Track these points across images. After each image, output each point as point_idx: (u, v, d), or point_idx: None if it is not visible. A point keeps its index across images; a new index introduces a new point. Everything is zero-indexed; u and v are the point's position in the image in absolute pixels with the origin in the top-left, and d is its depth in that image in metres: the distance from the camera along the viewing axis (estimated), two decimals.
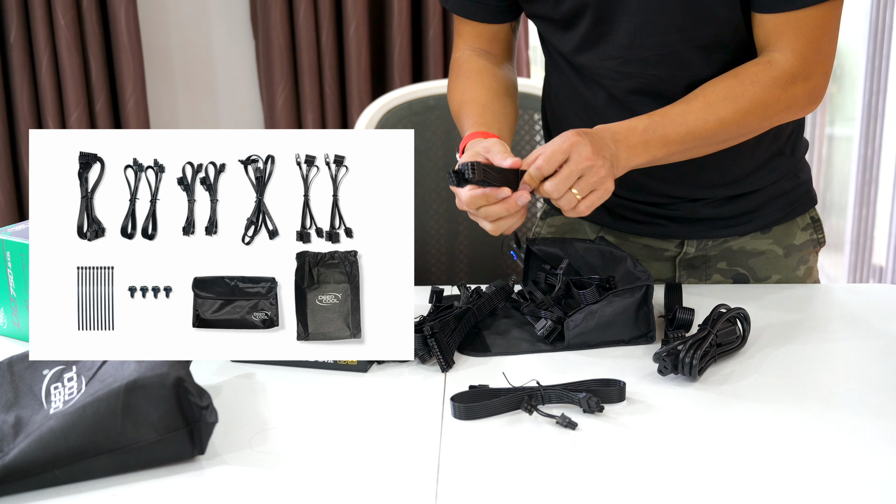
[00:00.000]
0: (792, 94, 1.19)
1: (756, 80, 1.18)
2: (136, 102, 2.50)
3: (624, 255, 1.22)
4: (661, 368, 1.05)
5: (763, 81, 1.18)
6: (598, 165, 1.10)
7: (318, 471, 0.87)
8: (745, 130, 1.21)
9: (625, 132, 1.16)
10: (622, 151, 1.14)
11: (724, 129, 1.19)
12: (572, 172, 1.10)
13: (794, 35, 1.17)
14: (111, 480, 0.85)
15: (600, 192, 1.12)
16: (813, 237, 1.42)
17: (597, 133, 1.14)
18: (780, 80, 1.18)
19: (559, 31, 1.28)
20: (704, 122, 1.17)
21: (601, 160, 1.10)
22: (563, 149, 1.10)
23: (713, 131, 1.18)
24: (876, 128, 3.03)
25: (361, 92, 2.57)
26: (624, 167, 1.15)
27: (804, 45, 1.18)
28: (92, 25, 2.43)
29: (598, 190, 1.11)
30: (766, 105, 1.19)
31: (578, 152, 1.10)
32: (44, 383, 0.94)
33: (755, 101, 1.18)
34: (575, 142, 1.10)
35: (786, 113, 1.21)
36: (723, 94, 1.18)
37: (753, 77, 1.18)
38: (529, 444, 0.91)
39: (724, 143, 1.22)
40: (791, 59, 1.18)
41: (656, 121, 1.17)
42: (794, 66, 1.18)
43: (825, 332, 1.22)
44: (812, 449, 0.90)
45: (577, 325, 1.14)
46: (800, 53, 1.18)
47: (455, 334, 1.13)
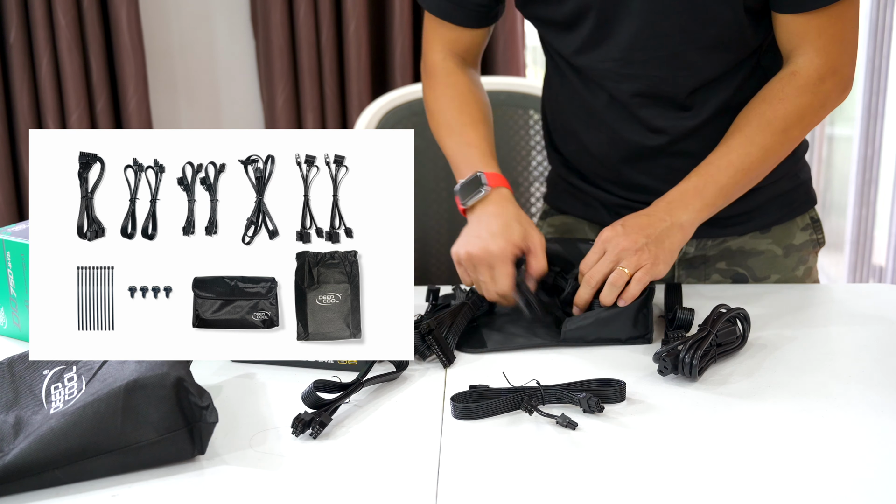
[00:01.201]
0: (823, 93, 1.21)
1: (784, 98, 1.20)
2: (137, 102, 2.49)
3: None
4: (661, 368, 1.05)
5: (790, 96, 1.20)
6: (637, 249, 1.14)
7: (318, 471, 0.87)
8: (791, 145, 1.24)
9: (679, 197, 1.20)
10: (682, 215, 1.18)
11: (770, 154, 1.21)
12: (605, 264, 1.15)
13: (818, 33, 1.18)
14: (111, 480, 0.85)
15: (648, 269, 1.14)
16: (812, 237, 1.42)
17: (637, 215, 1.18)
18: (808, 87, 1.19)
19: (560, 33, 1.28)
20: (748, 155, 1.20)
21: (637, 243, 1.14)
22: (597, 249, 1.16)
23: (761, 160, 1.21)
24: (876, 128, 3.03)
25: (361, 92, 2.57)
26: (691, 227, 1.19)
27: (828, 42, 1.19)
28: (93, 26, 2.43)
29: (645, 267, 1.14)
30: (801, 116, 1.21)
31: (613, 245, 1.15)
32: (44, 383, 0.94)
33: (789, 117, 1.20)
34: (607, 238, 1.16)
35: (822, 111, 1.23)
36: (756, 122, 1.20)
37: (781, 95, 1.20)
38: (529, 444, 0.91)
39: (775, 164, 1.24)
40: (815, 60, 1.19)
41: (704, 174, 1.20)
42: (819, 67, 1.19)
43: (825, 332, 1.22)
44: (812, 449, 0.90)
45: (575, 320, 1.14)
46: (824, 52, 1.19)
47: (452, 330, 1.13)
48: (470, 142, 1.31)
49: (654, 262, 1.14)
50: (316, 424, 0.92)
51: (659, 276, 1.15)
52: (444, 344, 1.10)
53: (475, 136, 1.31)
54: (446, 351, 1.10)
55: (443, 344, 1.10)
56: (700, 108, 1.27)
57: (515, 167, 1.83)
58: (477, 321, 1.21)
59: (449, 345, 1.11)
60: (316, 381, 0.97)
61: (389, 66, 2.61)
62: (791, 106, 1.19)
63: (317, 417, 0.93)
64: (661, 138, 1.29)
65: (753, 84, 1.25)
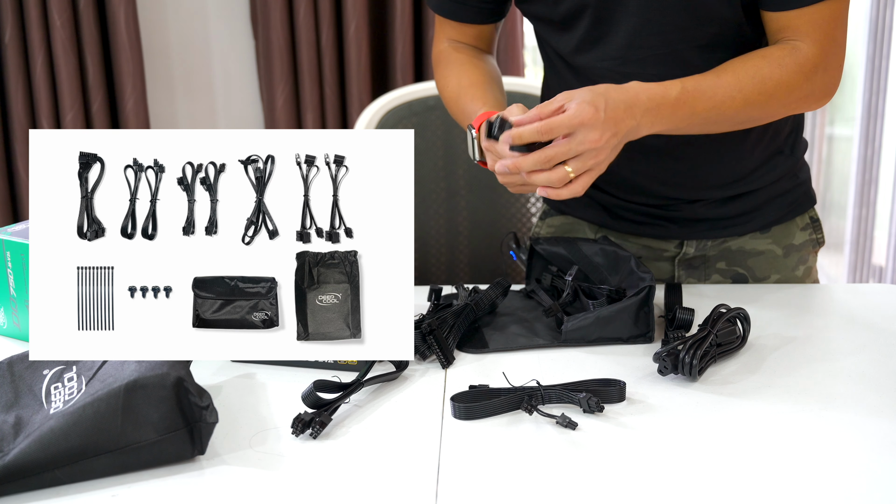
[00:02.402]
0: (812, 84, 1.19)
1: (783, 65, 1.17)
2: (135, 102, 2.49)
3: (628, 256, 1.22)
4: (661, 368, 1.05)
5: (789, 66, 1.17)
6: (600, 149, 1.07)
7: (318, 471, 0.87)
8: (766, 114, 1.21)
9: (658, 100, 1.12)
10: (646, 120, 1.11)
11: (747, 108, 1.17)
12: (568, 151, 1.06)
13: (810, 27, 1.17)
14: (111, 480, 0.85)
15: (594, 173, 1.09)
16: (812, 237, 1.42)
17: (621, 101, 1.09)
18: (804, 68, 1.17)
19: (557, 32, 1.28)
20: (731, 99, 1.16)
21: (605, 143, 1.07)
22: (571, 124, 1.06)
23: (737, 110, 1.17)
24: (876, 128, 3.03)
25: (361, 92, 2.57)
26: (647, 131, 1.13)
27: (821, 35, 1.17)
28: (89, 26, 2.43)
29: (592, 171, 1.08)
30: (789, 90, 1.18)
31: (584, 134, 1.06)
32: (44, 383, 0.94)
33: (780, 85, 1.17)
34: (585, 120, 1.06)
35: (804, 102, 1.21)
36: (751, 73, 1.17)
37: (780, 61, 1.17)
38: (529, 444, 0.91)
39: (741, 124, 1.21)
40: (812, 48, 1.17)
41: (689, 91, 1.14)
42: (815, 56, 1.17)
43: (825, 332, 1.22)
44: (812, 449, 0.90)
45: (575, 320, 1.14)
46: (819, 44, 1.18)
47: (454, 331, 1.13)
48: (464, 108, 1.30)
49: (596, 169, 1.09)
50: (316, 424, 0.92)
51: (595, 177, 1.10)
52: (444, 344, 1.10)
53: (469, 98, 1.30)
54: (446, 351, 1.10)
55: (443, 344, 1.10)
56: None
57: None
58: (478, 321, 1.21)
59: (449, 345, 1.11)
60: (316, 381, 0.97)
61: (389, 66, 2.61)
62: (786, 76, 1.17)
63: (317, 417, 0.93)
64: (661, 139, 1.29)
65: None
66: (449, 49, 1.39)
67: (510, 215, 1.85)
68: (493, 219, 1.85)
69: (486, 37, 1.40)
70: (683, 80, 1.15)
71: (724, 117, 1.17)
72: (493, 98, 1.28)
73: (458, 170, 1.84)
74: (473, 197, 1.84)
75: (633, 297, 1.15)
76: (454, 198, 1.84)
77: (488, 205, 1.84)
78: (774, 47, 1.19)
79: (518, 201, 1.85)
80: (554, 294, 1.28)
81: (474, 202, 1.85)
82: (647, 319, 1.15)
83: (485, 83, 1.31)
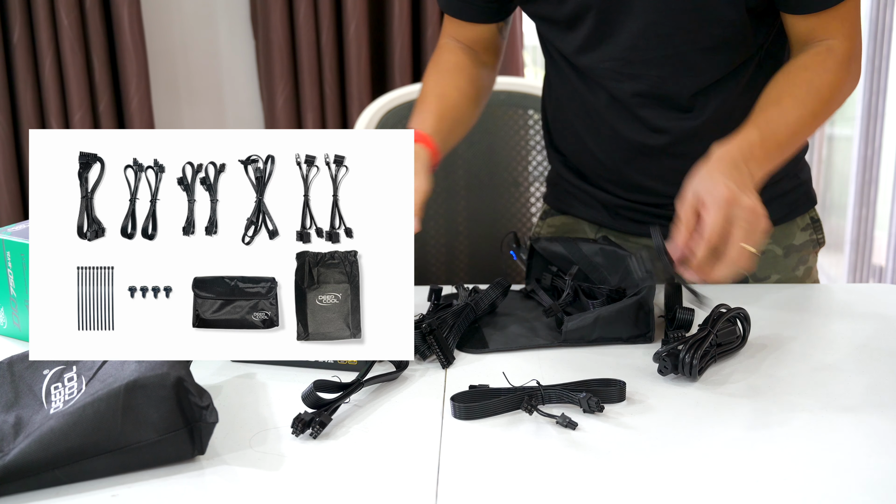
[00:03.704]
0: (852, 76, 1.21)
1: (827, 69, 1.18)
2: (139, 102, 2.50)
3: (627, 255, 1.22)
4: (661, 368, 1.05)
5: (832, 68, 1.19)
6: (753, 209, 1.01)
7: (318, 471, 0.87)
8: (826, 118, 1.22)
9: (748, 148, 1.10)
10: (753, 168, 1.09)
11: (815, 122, 1.19)
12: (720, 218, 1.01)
13: (839, 23, 1.19)
14: (111, 480, 0.85)
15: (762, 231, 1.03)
16: (812, 237, 1.42)
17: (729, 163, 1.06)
18: (844, 63, 1.19)
19: (561, 32, 1.28)
20: (801, 119, 1.16)
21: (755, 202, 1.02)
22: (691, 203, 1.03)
23: (809, 126, 1.18)
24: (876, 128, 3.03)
25: (361, 92, 2.57)
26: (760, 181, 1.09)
27: (849, 28, 1.20)
28: (95, 26, 2.43)
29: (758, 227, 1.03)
30: (840, 90, 1.20)
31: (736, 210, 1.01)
32: (44, 383, 0.94)
33: (833, 88, 1.19)
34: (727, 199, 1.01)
35: (848, 92, 1.23)
36: (805, 88, 1.17)
37: (824, 66, 1.19)
38: (529, 444, 0.91)
39: (810, 136, 1.23)
40: (844, 43, 1.19)
41: (765, 129, 1.13)
42: (848, 49, 1.20)
43: (825, 332, 1.22)
44: (812, 449, 0.90)
45: (575, 320, 1.14)
46: (849, 37, 1.20)
47: (454, 331, 1.13)
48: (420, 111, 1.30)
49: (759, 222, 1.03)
50: (316, 424, 0.92)
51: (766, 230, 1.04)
52: (444, 344, 1.10)
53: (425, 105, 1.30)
54: (446, 351, 1.10)
55: (443, 344, 1.10)
56: (702, 110, 1.27)
57: (515, 167, 1.83)
58: (478, 321, 1.21)
59: (449, 345, 1.11)
60: (316, 381, 0.97)
61: (389, 66, 2.61)
62: (834, 77, 1.19)
63: (317, 417, 0.93)
64: (663, 138, 1.29)
65: (755, 86, 1.25)
66: (448, 47, 1.39)
67: (510, 215, 1.85)
68: (492, 219, 1.85)
69: (486, 39, 1.39)
70: (752, 121, 1.13)
71: (803, 137, 1.19)
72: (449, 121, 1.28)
73: (457, 170, 1.83)
74: (473, 197, 1.84)
75: (633, 297, 1.15)
76: (453, 198, 1.84)
77: (488, 205, 1.84)
78: (811, 53, 1.20)
79: (518, 201, 1.85)
80: (554, 294, 1.28)
81: (474, 202, 1.85)
82: (647, 319, 1.15)
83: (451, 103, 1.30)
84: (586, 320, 1.14)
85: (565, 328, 1.14)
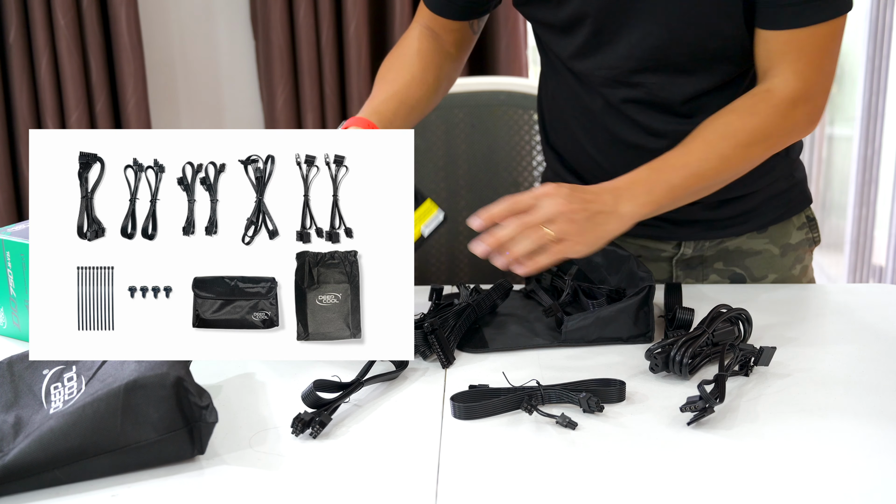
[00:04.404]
0: (793, 119, 1.17)
1: (755, 112, 1.16)
2: (136, 102, 2.49)
3: (627, 255, 1.22)
4: (652, 366, 1.05)
5: (762, 112, 1.16)
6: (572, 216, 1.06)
7: (318, 471, 0.87)
8: (749, 164, 1.19)
9: (628, 186, 1.13)
10: (626, 205, 1.11)
11: (726, 166, 1.17)
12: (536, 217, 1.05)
13: (797, 55, 1.15)
14: (111, 480, 0.85)
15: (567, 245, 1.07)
16: (808, 236, 1.42)
17: (591, 190, 1.11)
18: (780, 108, 1.16)
19: (557, 36, 1.28)
20: (706, 162, 1.15)
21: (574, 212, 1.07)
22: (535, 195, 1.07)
23: (717, 170, 1.16)
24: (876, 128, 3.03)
25: (361, 92, 2.57)
26: (630, 219, 1.12)
27: (805, 65, 1.15)
28: (92, 26, 2.43)
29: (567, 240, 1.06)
30: (767, 135, 1.17)
31: (550, 202, 1.06)
32: (44, 383, 0.94)
33: (755, 132, 1.16)
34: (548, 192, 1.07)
35: (787, 137, 1.20)
36: (721, 131, 1.16)
37: (752, 109, 1.16)
38: (529, 444, 0.91)
39: (730, 179, 1.20)
40: (792, 82, 1.15)
41: (657, 169, 1.15)
42: (795, 91, 1.15)
43: (824, 332, 1.22)
44: (811, 449, 0.90)
45: (575, 320, 1.14)
46: (802, 75, 1.15)
47: (455, 331, 1.13)
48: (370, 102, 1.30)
49: (579, 240, 1.07)
50: (316, 424, 0.92)
51: (575, 255, 1.09)
52: (445, 344, 1.10)
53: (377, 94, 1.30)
54: (447, 351, 1.10)
55: (444, 344, 1.10)
56: (698, 115, 1.26)
57: (515, 167, 1.83)
58: (478, 321, 1.21)
59: (450, 345, 1.11)
60: (316, 381, 0.97)
61: None
62: (760, 122, 1.16)
63: (317, 417, 0.93)
64: (662, 142, 1.28)
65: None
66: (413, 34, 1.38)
67: None
68: None
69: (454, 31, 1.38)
70: (650, 162, 1.15)
71: (707, 181, 1.17)
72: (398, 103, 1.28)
73: (458, 170, 1.83)
74: (473, 197, 1.84)
75: (633, 297, 1.15)
76: (454, 198, 1.84)
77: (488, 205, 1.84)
78: (745, 96, 1.18)
79: None
80: (554, 294, 1.28)
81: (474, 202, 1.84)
82: (647, 319, 1.15)
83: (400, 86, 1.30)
84: (586, 320, 1.14)
85: (565, 328, 1.14)
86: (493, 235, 1.07)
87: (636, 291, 1.15)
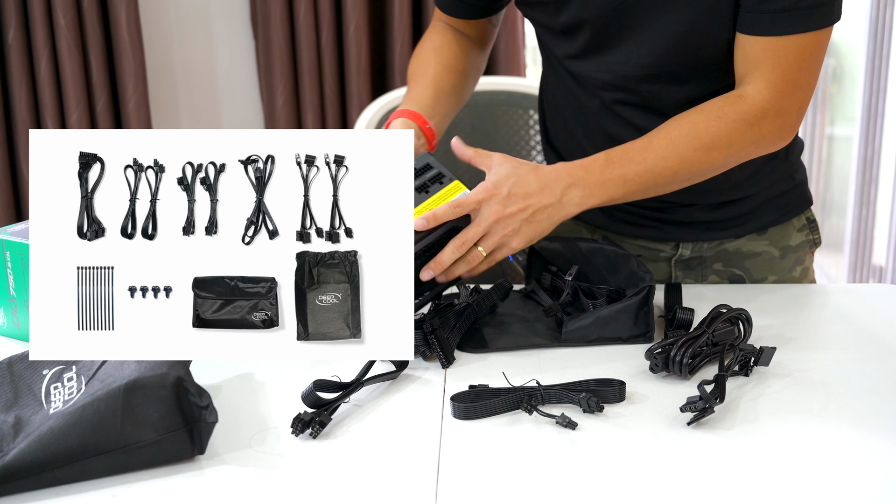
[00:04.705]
0: (760, 131, 1.15)
1: (721, 116, 1.14)
2: (137, 102, 2.49)
3: (628, 255, 1.22)
4: (652, 366, 1.05)
5: (729, 117, 1.14)
6: (506, 221, 1.11)
7: (318, 470, 0.87)
8: (709, 168, 1.18)
9: (581, 173, 1.14)
10: (575, 193, 1.13)
11: (685, 167, 1.15)
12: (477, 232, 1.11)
13: (772, 65, 1.13)
14: (111, 480, 0.85)
15: (507, 249, 1.13)
16: (809, 238, 1.42)
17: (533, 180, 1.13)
18: (748, 116, 1.14)
19: (556, 38, 1.29)
20: (664, 159, 1.14)
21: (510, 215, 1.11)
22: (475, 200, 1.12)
23: (674, 170, 1.15)
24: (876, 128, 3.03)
25: (361, 92, 2.57)
26: (577, 207, 1.14)
27: (780, 77, 1.13)
28: (92, 25, 2.43)
29: (505, 245, 1.13)
30: (730, 142, 1.15)
31: (487, 208, 1.11)
32: (43, 383, 0.94)
33: (719, 137, 1.14)
34: (484, 197, 1.11)
35: (753, 148, 1.18)
36: (685, 130, 1.15)
37: (719, 112, 1.15)
38: (529, 444, 0.91)
39: (687, 181, 1.19)
40: (764, 92, 1.14)
41: (614, 159, 1.14)
42: (765, 101, 1.14)
43: (824, 332, 1.22)
44: (811, 449, 0.90)
45: (575, 320, 1.14)
46: (775, 87, 1.13)
47: (455, 331, 1.13)
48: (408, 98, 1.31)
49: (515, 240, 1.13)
50: (316, 424, 0.92)
51: (513, 252, 1.14)
52: (446, 344, 1.10)
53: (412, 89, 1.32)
54: (447, 351, 1.10)
55: (444, 344, 1.10)
56: None
57: None
58: (478, 322, 1.21)
59: (450, 345, 1.11)
60: (316, 381, 0.97)
61: (389, 66, 2.61)
62: (725, 127, 1.14)
63: (316, 417, 0.93)
64: None
65: None
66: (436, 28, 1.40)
67: None
68: None
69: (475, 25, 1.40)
70: (609, 150, 1.16)
71: (663, 179, 1.16)
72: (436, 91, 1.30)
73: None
74: None
75: (632, 297, 1.15)
76: None
77: None
78: (715, 99, 1.16)
79: None
80: (554, 294, 1.28)
81: None
82: (647, 319, 1.15)
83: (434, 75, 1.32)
84: (586, 320, 1.14)
85: (565, 328, 1.14)
86: (437, 262, 1.13)
87: (636, 291, 1.15)
